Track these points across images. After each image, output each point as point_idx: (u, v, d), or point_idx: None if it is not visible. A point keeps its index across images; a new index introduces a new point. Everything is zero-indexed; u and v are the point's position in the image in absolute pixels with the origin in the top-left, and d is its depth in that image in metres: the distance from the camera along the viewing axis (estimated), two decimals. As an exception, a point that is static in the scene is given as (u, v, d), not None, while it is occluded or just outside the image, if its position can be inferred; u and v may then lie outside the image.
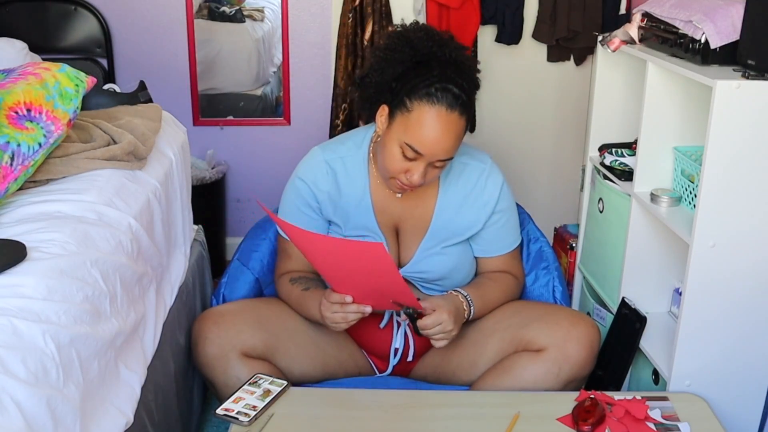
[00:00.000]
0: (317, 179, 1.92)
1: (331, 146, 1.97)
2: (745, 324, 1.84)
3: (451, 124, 1.72)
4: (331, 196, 1.92)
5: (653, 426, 1.68)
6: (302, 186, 1.93)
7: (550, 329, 1.85)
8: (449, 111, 1.72)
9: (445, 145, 1.73)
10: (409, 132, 1.73)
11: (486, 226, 1.97)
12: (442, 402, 1.81)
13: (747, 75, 1.68)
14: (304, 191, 1.93)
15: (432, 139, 1.72)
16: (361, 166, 1.92)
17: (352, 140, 1.96)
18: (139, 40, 3.20)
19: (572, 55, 3.12)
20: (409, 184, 1.78)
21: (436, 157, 1.74)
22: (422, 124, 1.71)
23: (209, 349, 1.83)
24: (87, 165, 1.74)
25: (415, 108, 1.72)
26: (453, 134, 1.73)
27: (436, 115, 1.71)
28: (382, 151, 1.80)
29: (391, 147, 1.76)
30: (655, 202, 1.99)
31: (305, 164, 1.96)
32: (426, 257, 1.93)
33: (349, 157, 1.93)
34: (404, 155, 1.74)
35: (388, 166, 1.78)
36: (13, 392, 1.11)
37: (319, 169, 1.93)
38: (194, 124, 3.30)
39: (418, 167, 1.75)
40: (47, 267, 1.34)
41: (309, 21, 3.22)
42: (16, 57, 2.37)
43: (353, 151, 1.93)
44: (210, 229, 2.61)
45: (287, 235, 1.86)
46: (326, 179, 1.92)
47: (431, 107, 1.71)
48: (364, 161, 1.93)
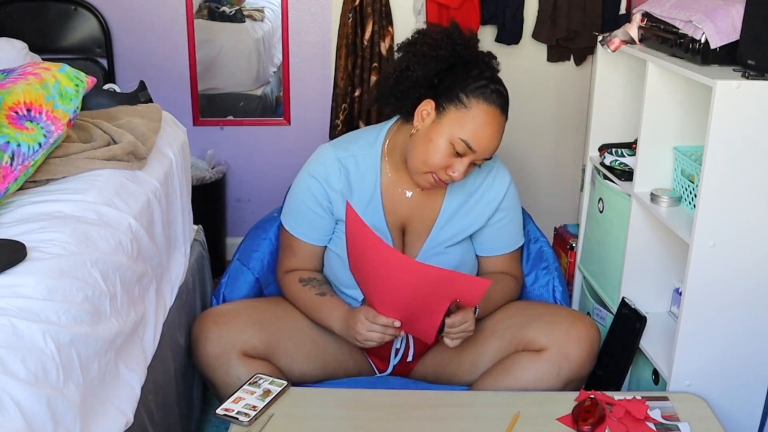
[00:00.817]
0: (330, 177, 1.91)
1: (343, 144, 1.96)
2: (745, 324, 1.84)
3: (501, 126, 1.80)
4: (343, 195, 1.91)
5: (653, 426, 1.68)
6: (314, 184, 1.92)
7: (550, 329, 1.85)
8: (501, 113, 1.80)
9: (495, 144, 1.80)
10: (465, 128, 1.75)
11: (490, 224, 1.97)
12: (442, 402, 1.81)
13: (747, 75, 1.68)
14: (316, 189, 1.92)
15: (487, 138, 1.76)
16: (373, 164, 1.92)
17: (364, 139, 1.95)
18: (139, 40, 3.20)
19: (572, 55, 3.12)
20: (446, 180, 1.80)
21: (484, 155, 1.78)
22: (480, 122, 1.76)
23: (209, 348, 1.83)
24: (87, 165, 1.74)
25: (473, 105, 1.76)
26: (501, 135, 1.81)
27: (493, 115, 1.77)
28: (425, 146, 1.79)
29: (438, 141, 1.77)
30: (655, 202, 1.99)
31: (316, 162, 1.94)
32: (429, 257, 1.93)
33: (362, 155, 1.92)
34: (453, 149, 1.76)
35: (431, 160, 1.78)
36: (13, 392, 1.11)
37: (331, 166, 1.91)
38: (194, 124, 3.30)
39: (462, 163, 1.77)
40: (47, 267, 1.34)
41: (309, 21, 3.22)
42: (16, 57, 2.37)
43: (366, 150, 1.92)
44: (210, 229, 2.61)
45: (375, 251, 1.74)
46: (339, 177, 1.91)
47: (489, 106, 1.77)
48: (377, 160, 1.92)
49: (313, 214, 1.93)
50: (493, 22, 3.03)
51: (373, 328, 1.75)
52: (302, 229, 1.96)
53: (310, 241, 1.96)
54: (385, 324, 1.74)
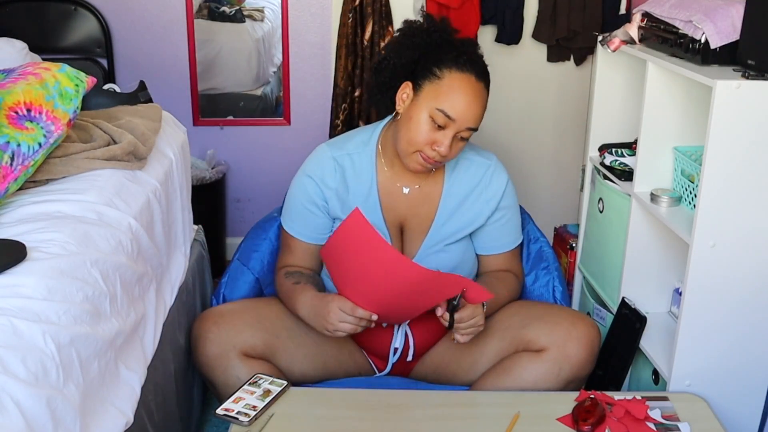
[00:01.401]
0: (325, 176, 1.93)
1: (339, 143, 1.98)
2: (745, 324, 1.84)
3: (479, 93, 1.79)
4: (338, 193, 1.92)
5: (653, 426, 1.68)
6: (309, 183, 1.93)
7: (550, 329, 1.85)
8: (478, 80, 1.79)
9: (475, 111, 1.78)
10: (440, 98, 1.76)
11: (489, 223, 1.98)
12: (442, 402, 1.81)
13: (747, 75, 1.68)
14: (311, 188, 1.93)
15: (464, 104, 1.76)
16: (369, 162, 1.93)
17: (359, 137, 1.97)
18: (139, 40, 3.20)
19: (572, 55, 3.12)
20: (434, 158, 1.80)
21: (465, 124, 1.77)
22: (454, 89, 1.76)
23: (209, 348, 1.83)
24: (87, 165, 1.74)
25: (446, 75, 1.78)
26: (481, 103, 1.80)
27: (467, 81, 1.78)
28: (407, 125, 1.80)
29: (418, 117, 1.78)
30: (655, 202, 1.99)
31: (312, 161, 1.96)
32: (429, 255, 1.93)
33: (357, 153, 1.94)
34: (434, 123, 1.77)
35: (415, 137, 1.79)
36: (13, 392, 1.11)
37: (327, 165, 1.93)
38: (194, 124, 3.30)
39: (446, 136, 1.77)
40: (47, 267, 1.34)
41: (309, 21, 3.22)
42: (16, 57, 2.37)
43: (361, 148, 1.94)
44: (210, 229, 2.61)
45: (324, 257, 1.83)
46: (334, 176, 1.92)
47: (462, 74, 1.78)
48: (372, 157, 1.93)
49: (308, 212, 1.94)
50: (493, 22, 3.03)
51: (347, 320, 1.74)
52: (298, 228, 1.97)
53: (305, 239, 1.96)
54: (362, 317, 1.74)
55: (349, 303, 1.75)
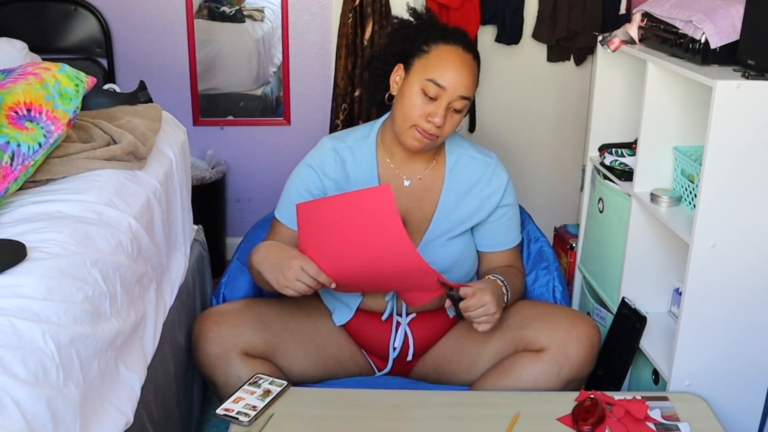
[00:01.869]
0: (325, 166, 1.94)
1: (340, 136, 2.01)
2: (745, 324, 1.84)
3: (467, 63, 1.83)
4: (338, 184, 1.93)
5: (653, 426, 1.68)
6: (309, 172, 1.95)
7: (550, 329, 1.85)
8: (465, 51, 1.84)
9: (465, 79, 1.81)
10: (429, 68, 1.81)
11: (492, 220, 1.98)
12: (442, 402, 1.81)
13: (747, 75, 1.68)
14: (309, 177, 1.95)
15: (453, 72, 1.80)
16: (369, 154, 1.95)
17: (360, 131, 2.00)
18: (139, 40, 3.20)
19: (572, 55, 3.12)
20: (429, 131, 1.81)
21: (456, 92, 1.79)
22: (442, 59, 1.81)
23: (210, 348, 1.83)
24: (87, 165, 1.74)
25: (433, 49, 1.83)
26: (470, 71, 1.83)
27: (455, 51, 1.83)
28: (401, 102, 1.84)
29: (411, 92, 1.82)
30: (655, 202, 1.99)
31: (314, 152, 1.99)
32: (430, 249, 1.93)
33: (358, 146, 1.96)
34: (426, 95, 1.80)
35: (409, 112, 1.81)
36: (13, 392, 1.11)
37: (328, 156, 1.95)
38: (194, 124, 3.30)
39: (439, 107, 1.79)
40: (47, 267, 1.34)
41: (309, 21, 3.22)
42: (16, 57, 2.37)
43: (361, 141, 1.97)
44: (210, 229, 2.61)
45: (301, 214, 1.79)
46: (334, 167, 1.94)
47: (449, 45, 1.83)
48: (373, 150, 1.95)
49: (300, 198, 1.94)
50: (493, 22, 3.03)
51: (305, 281, 1.72)
52: (289, 215, 1.94)
53: (293, 226, 1.92)
54: (323, 282, 1.73)
55: (314, 266, 1.72)
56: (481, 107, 3.09)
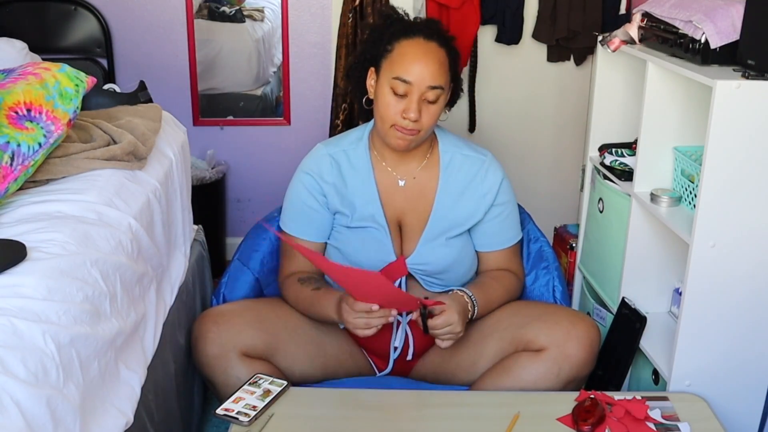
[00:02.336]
0: (322, 171, 1.95)
1: (334, 141, 2.02)
2: (745, 324, 1.84)
3: (430, 51, 1.83)
4: (337, 188, 1.95)
5: (653, 426, 1.68)
6: (308, 179, 1.96)
7: (550, 329, 1.85)
8: (426, 40, 1.84)
9: (430, 68, 1.81)
10: (394, 66, 1.83)
11: (487, 219, 1.98)
12: (442, 402, 1.81)
13: (747, 75, 1.68)
14: (309, 184, 1.95)
15: (415, 65, 1.81)
16: (363, 157, 1.96)
17: (353, 134, 2.01)
18: (139, 40, 3.20)
19: (572, 55, 3.12)
20: (408, 127, 1.82)
21: (424, 84, 1.80)
22: (403, 54, 1.83)
23: (209, 348, 1.83)
24: (87, 165, 1.74)
25: (396, 46, 1.85)
26: (434, 60, 1.82)
27: (415, 44, 1.83)
28: (377, 104, 1.86)
29: (382, 93, 1.84)
30: (655, 202, 1.99)
31: (309, 159, 2.00)
32: (428, 249, 1.93)
33: (352, 149, 1.97)
34: (395, 94, 1.81)
35: (384, 112, 1.84)
36: (13, 392, 1.11)
37: (323, 161, 1.96)
38: (194, 124, 3.30)
39: (411, 101, 1.81)
40: (47, 267, 1.34)
41: (309, 21, 3.22)
42: (16, 57, 2.37)
43: (355, 144, 1.98)
44: (210, 229, 2.61)
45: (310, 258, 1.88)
46: (331, 171, 1.95)
47: (409, 39, 1.85)
48: (366, 152, 1.96)
49: (309, 209, 1.95)
50: (493, 22, 3.03)
51: (356, 315, 1.75)
52: (300, 228, 1.97)
53: (308, 237, 1.97)
54: (361, 309, 1.74)
55: (349, 299, 1.76)
56: (481, 107, 3.10)
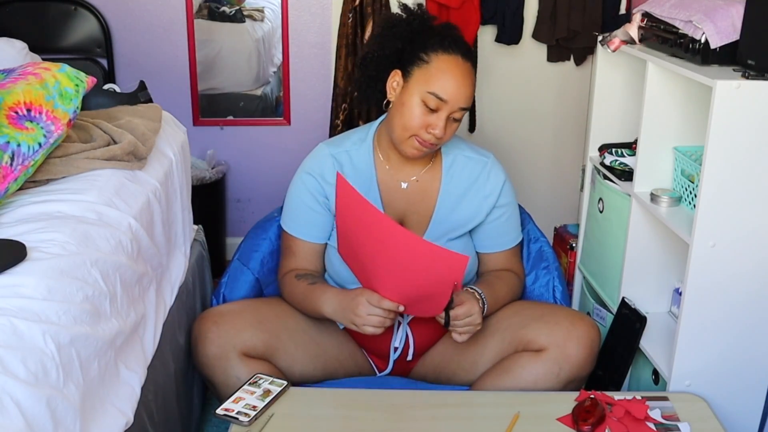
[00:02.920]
0: (324, 172, 1.94)
1: (336, 141, 2.01)
2: (745, 324, 1.84)
3: (467, 72, 1.83)
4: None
5: (653, 426, 1.68)
6: (309, 180, 1.95)
7: (550, 329, 1.85)
8: (464, 60, 1.83)
9: (466, 91, 1.81)
10: (431, 81, 1.79)
11: (489, 221, 1.98)
12: (442, 402, 1.81)
13: (747, 75, 1.68)
14: (311, 185, 1.95)
15: (454, 85, 1.79)
16: (366, 158, 1.95)
17: (356, 135, 2.00)
18: (139, 40, 3.20)
19: (572, 55, 3.12)
20: (429, 141, 1.82)
21: (457, 105, 1.80)
22: (443, 71, 1.80)
23: (209, 348, 1.83)
24: (87, 165, 1.74)
25: (434, 59, 1.81)
26: (470, 82, 1.83)
27: (455, 62, 1.81)
28: (401, 111, 1.83)
29: (411, 102, 1.81)
30: (655, 202, 1.99)
31: (311, 159, 1.99)
32: None
33: (354, 150, 1.96)
34: (426, 107, 1.79)
35: (409, 123, 1.81)
36: (13, 392, 1.11)
37: (325, 162, 1.95)
38: (194, 124, 3.30)
39: (439, 119, 1.80)
40: (47, 267, 1.34)
41: (309, 21, 3.22)
42: (16, 57, 2.37)
43: (358, 145, 1.97)
44: (210, 229, 2.61)
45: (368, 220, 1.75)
46: (333, 172, 1.94)
47: (449, 56, 1.81)
48: (369, 153, 1.95)
49: (310, 210, 1.95)
50: (493, 22, 3.03)
51: (375, 312, 1.73)
52: (300, 228, 1.97)
53: (308, 239, 1.97)
54: (389, 308, 1.72)
55: (375, 295, 1.74)
56: (481, 107, 3.09)
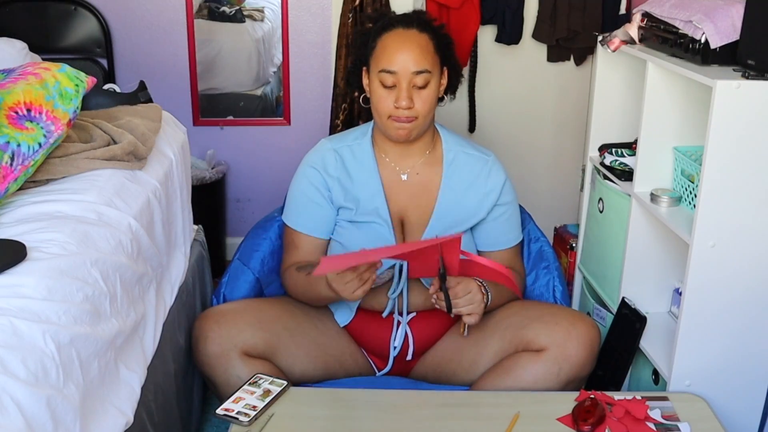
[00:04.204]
0: (327, 165, 1.97)
1: (338, 137, 2.04)
2: (745, 324, 1.84)
3: (409, 38, 1.87)
4: (341, 182, 1.95)
5: (653, 426, 1.68)
6: (313, 173, 1.97)
7: (550, 329, 1.85)
8: (405, 29, 1.88)
9: (412, 54, 1.85)
10: (379, 60, 1.87)
11: (490, 219, 1.99)
12: (442, 402, 1.81)
13: (747, 75, 1.68)
14: (314, 178, 1.96)
15: (396, 54, 1.85)
16: (367, 152, 1.97)
17: (356, 131, 2.04)
18: (139, 40, 3.20)
19: (572, 55, 3.12)
20: (404, 116, 1.85)
21: (408, 70, 1.84)
22: (385, 46, 1.88)
23: (210, 348, 1.83)
24: (87, 165, 1.74)
25: (378, 42, 1.90)
26: (415, 45, 1.86)
27: (394, 34, 1.88)
28: (372, 100, 1.91)
29: (374, 88, 1.89)
30: (655, 202, 1.99)
31: (314, 153, 2.01)
32: None
33: (356, 145, 1.99)
34: (385, 86, 1.85)
35: (378, 106, 1.88)
36: (13, 392, 1.11)
37: (328, 155, 1.98)
38: (194, 124, 3.30)
39: (401, 90, 1.84)
40: (47, 267, 1.34)
41: (309, 21, 3.22)
42: (16, 57, 2.37)
43: (359, 140, 2.00)
44: (210, 229, 2.61)
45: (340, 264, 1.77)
46: (335, 165, 1.96)
47: (389, 32, 1.89)
48: (370, 147, 1.98)
49: (312, 204, 1.95)
50: (493, 22, 3.03)
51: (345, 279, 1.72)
52: (303, 222, 1.97)
53: (311, 233, 1.97)
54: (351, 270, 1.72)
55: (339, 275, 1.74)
56: (481, 107, 3.09)
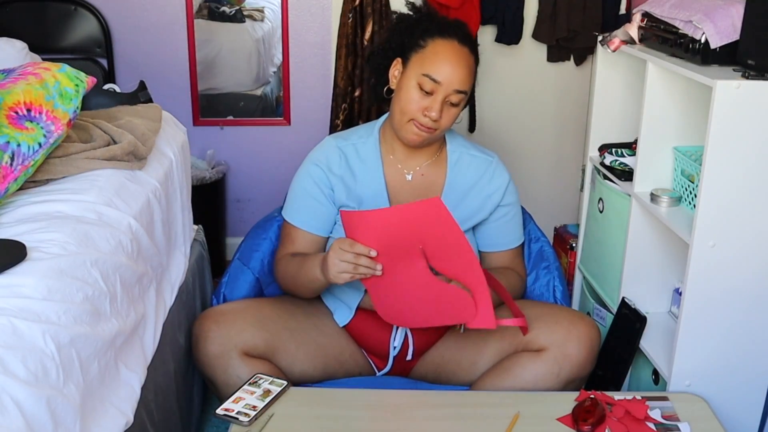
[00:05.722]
0: (330, 163, 1.96)
1: (343, 135, 2.03)
2: (745, 324, 1.84)
3: (463, 57, 1.85)
4: (344, 181, 1.95)
5: (653, 426, 1.68)
6: (316, 170, 1.96)
7: (550, 329, 1.85)
8: (461, 45, 1.86)
9: (460, 73, 1.83)
10: (425, 63, 1.83)
11: (492, 219, 1.99)
12: (442, 402, 1.81)
13: (747, 75, 1.68)
14: (317, 175, 1.96)
15: (448, 67, 1.82)
16: (373, 151, 1.97)
17: (362, 129, 2.03)
18: (139, 40, 3.20)
19: (572, 55, 3.12)
20: (427, 125, 1.84)
21: (451, 87, 1.82)
22: (437, 54, 1.84)
23: (210, 347, 1.83)
24: (87, 165, 1.74)
25: (429, 43, 1.86)
26: (465, 65, 1.85)
27: (450, 46, 1.85)
28: (399, 96, 1.87)
29: (408, 86, 1.85)
30: (655, 202, 1.99)
31: (318, 150, 2.00)
32: None
33: (361, 143, 1.98)
34: (422, 90, 1.82)
35: (406, 106, 1.85)
36: (13, 392, 1.11)
37: (332, 153, 1.97)
38: (194, 124, 3.30)
39: (435, 101, 1.82)
40: (47, 267, 1.34)
41: (309, 21, 3.22)
42: (16, 57, 2.37)
43: (364, 138, 1.99)
44: (210, 229, 2.61)
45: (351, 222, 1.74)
46: (339, 163, 1.96)
47: (444, 40, 1.86)
48: (376, 146, 1.97)
49: (313, 200, 1.95)
50: (493, 22, 3.03)
51: (346, 258, 1.70)
52: (302, 218, 1.97)
53: (309, 229, 1.96)
54: (360, 252, 1.69)
55: (347, 240, 1.71)
56: (481, 107, 3.09)
